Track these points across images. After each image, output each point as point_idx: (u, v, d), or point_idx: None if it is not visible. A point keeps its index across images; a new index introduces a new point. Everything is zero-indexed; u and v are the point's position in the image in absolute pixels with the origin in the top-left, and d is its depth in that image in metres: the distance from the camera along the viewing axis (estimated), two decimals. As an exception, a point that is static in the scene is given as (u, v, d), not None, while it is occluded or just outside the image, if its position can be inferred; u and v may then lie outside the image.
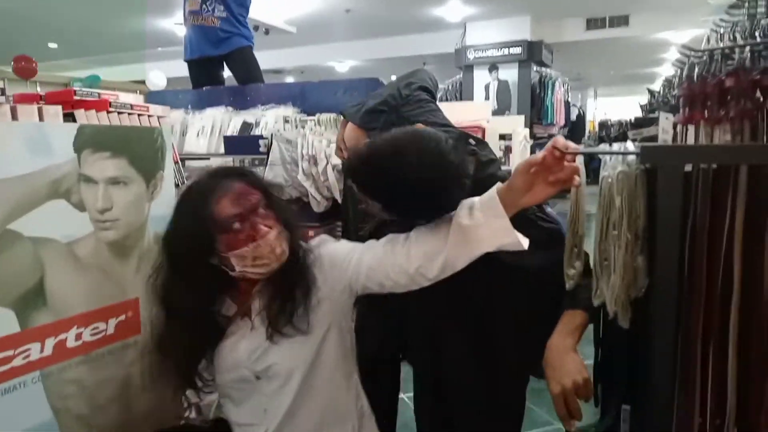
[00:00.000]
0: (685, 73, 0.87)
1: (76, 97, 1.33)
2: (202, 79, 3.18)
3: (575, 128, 10.04)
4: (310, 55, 11.12)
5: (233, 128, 2.82)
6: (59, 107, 1.24)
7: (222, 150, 2.73)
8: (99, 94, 1.40)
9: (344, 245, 1.26)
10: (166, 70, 8.16)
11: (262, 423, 1.22)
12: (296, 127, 2.52)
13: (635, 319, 1.06)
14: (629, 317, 1.04)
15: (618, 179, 0.92)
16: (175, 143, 2.97)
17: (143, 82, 8.01)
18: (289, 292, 1.17)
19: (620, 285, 0.94)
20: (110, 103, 1.36)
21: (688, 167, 0.85)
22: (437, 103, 1.52)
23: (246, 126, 2.78)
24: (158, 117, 1.48)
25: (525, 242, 1.06)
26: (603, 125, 11.15)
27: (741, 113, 0.77)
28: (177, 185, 1.57)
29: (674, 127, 0.92)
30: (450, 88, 9.48)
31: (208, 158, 2.91)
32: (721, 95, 0.78)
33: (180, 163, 1.59)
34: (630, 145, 1.01)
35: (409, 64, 12.05)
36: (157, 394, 1.51)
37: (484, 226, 1.04)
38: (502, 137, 5.23)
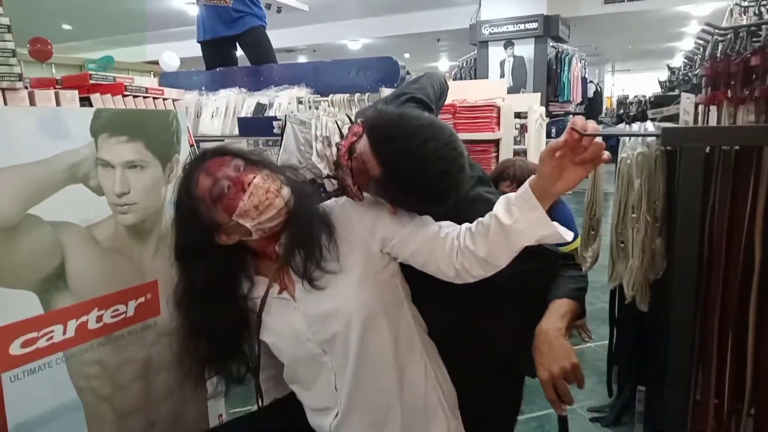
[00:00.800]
0: (708, 51, 0.84)
1: (91, 81, 1.33)
2: (216, 60, 3.17)
3: (592, 105, 9.89)
4: (323, 34, 11.03)
5: (247, 109, 2.82)
6: (75, 92, 1.25)
7: (236, 132, 2.74)
8: (114, 77, 1.40)
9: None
10: (179, 51, 8.14)
11: (335, 405, 1.23)
12: (310, 108, 2.51)
13: (651, 301, 1.05)
14: (648, 300, 1.03)
15: (637, 161, 0.91)
16: (190, 125, 2.97)
17: (157, 63, 8.01)
18: (309, 233, 1.15)
19: (639, 268, 0.93)
20: (125, 86, 1.36)
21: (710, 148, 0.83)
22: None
23: (260, 107, 2.78)
24: (173, 100, 1.48)
25: (568, 234, 1.04)
26: (621, 103, 10.88)
27: (766, 92, 0.75)
28: (193, 168, 1.57)
29: (696, 107, 0.89)
30: (464, 65, 9.36)
31: (223, 140, 2.91)
32: (745, 74, 0.75)
33: (195, 145, 1.60)
34: (650, 126, 0.99)
35: (423, 41, 11.92)
36: (177, 374, 1.55)
37: (520, 220, 1.02)
38: (518, 115, 5.17)
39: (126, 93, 1.36)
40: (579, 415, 2.36)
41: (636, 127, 1.01)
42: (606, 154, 0.92)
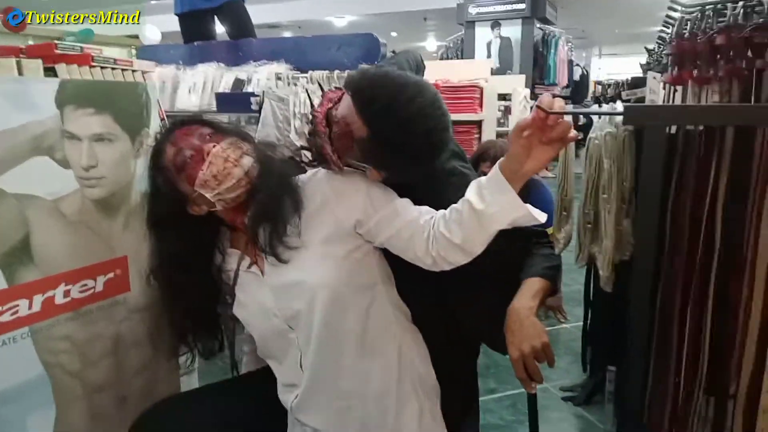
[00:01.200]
0: (674, 30, 0.84)
1: (57, 51, 1.30)
2: (194, 34, 3.11)
3: (578, 88, 9.90)
4: (308, 10, 10.85)
5: (225, 85, 2.78)
6: (39, 61, 1.22)
7: (214, 107, 2.69)
8: (82, 48, 1.36)
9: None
10: (161, 25, 7.96)
11: (298, 383, 1.22)
12: (288, 84, 2.47)
13: (623, 282, 1.06)
14: (613, 281, 1.04)
15: (605, 141, 0.91)
16: (167, 100, 2.92)
17: (138, 38, 7.84)
18: (273, 207, 1.13)
19: (612, 249, 0.94)
20: (93, 57, 1.32)
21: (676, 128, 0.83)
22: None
23: (238, 83, 2.74)
24: (143, 72, 1.45)
25: (541, 216, 1.03)
26: (599, 85, 10.83)
27: (730, 72, 0.75)
28: (164, 143, 1.55)
29: (664, 87, 0.89)
30: (452, 45, 9.29)
31: (201, 115, 2.87)
32: (710, 53, 0.75)
33: (167, 120, 1.57)
34: (619, 106, 0.99)
35: (409, 20, 11.76)
36: (149, 351, 1.54)
37: (492, 203, 1.01)
38: (502, 97, 5.15)
39: (93, 64, 1.33)
40: (551, 394, 2.41)
41: (606, 107, 1.01)
42: (573, 133, 0.92)
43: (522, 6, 8.64)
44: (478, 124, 3.70)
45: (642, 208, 0.72)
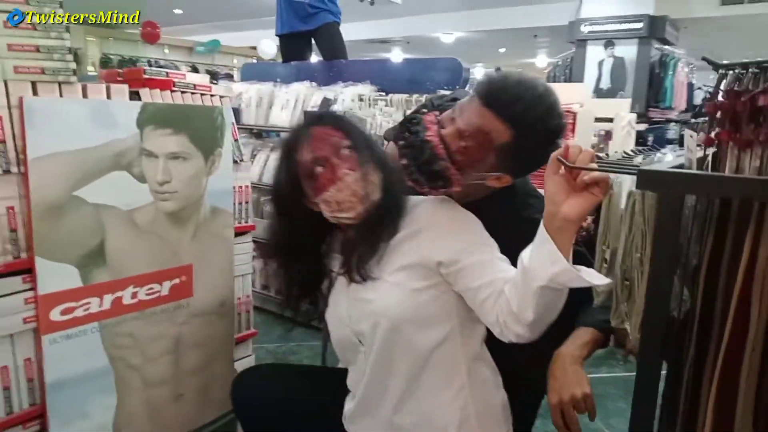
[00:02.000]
0: (715, 87, 0.76)
1: (145, 76, 1.44)
2: (292, 54, 3.29)
3: (701, 113, 9.15)
4: (416, 26, 10.99)
5: (314, 103, 2.90)
6: (125, 86, 1.35)
7: (302, 124, 2.82)
8: (167, 73, 1.50)
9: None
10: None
11: (354, 396, 1.23)
12: (369, 106, 2.54)
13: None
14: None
15: (643, 197, 0.85)
16: (263, 115, 3.12)
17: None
18: (373, 238, 1.13)
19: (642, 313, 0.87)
20: (174, 82, 1.45)
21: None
22: None
23: (326, 102, 2.85)
24: (220, 96, 1.57)
25: (595, 278, 0.90)
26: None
27: (773, 137, 0.67)
28: (235, 161, 1.66)
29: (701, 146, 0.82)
30: (560, 63, 8.98)
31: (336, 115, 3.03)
32: (752, 114, 0.68)
33: (239, 140, 1.68)
34: (669, 157, 0.93)
35: (518, 37, 11.48)
36: (207, 353, 1.65)
37: (534, 257, 0.94)
38: (608, 120, 4.88)
39: (174, 89, 1.46)
40: (615, 446, 2.25)
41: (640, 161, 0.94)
42: (600, 176, 0.85)
43: (639, 25, 8.17)
44: (570, 150, 3.55)
45: (653, 277, 0.66)
